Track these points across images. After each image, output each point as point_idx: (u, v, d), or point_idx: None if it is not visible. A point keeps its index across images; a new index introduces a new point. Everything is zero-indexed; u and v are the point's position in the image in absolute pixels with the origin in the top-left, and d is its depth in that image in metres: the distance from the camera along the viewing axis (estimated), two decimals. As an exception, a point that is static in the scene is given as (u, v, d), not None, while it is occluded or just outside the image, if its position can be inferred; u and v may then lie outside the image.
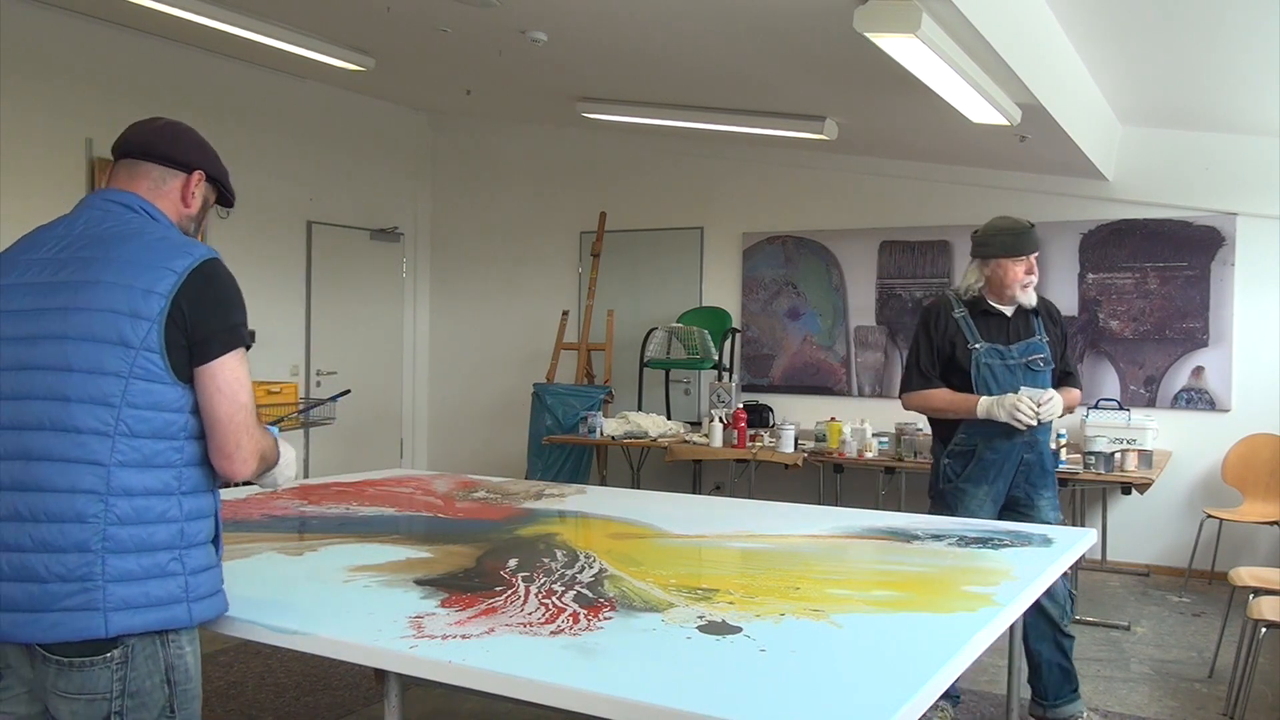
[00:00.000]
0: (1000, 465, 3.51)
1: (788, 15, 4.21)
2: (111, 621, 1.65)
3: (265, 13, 5.22)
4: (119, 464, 1.67)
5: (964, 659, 1.79)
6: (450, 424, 8.67)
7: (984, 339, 3.53)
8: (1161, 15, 4.35)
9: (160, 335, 1.68)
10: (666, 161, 7.76)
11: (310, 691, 3.96)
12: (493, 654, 1.72)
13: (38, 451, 1.68)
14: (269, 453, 1.85)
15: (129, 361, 1.67)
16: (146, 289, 1.69)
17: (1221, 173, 6.01)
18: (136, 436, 1.68)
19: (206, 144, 1.95)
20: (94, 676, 1.68)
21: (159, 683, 1.73)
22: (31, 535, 1.66)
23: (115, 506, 1.67)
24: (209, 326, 1.72)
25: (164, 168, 1.87)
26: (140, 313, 1.68)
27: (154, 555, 1.70)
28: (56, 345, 1.69)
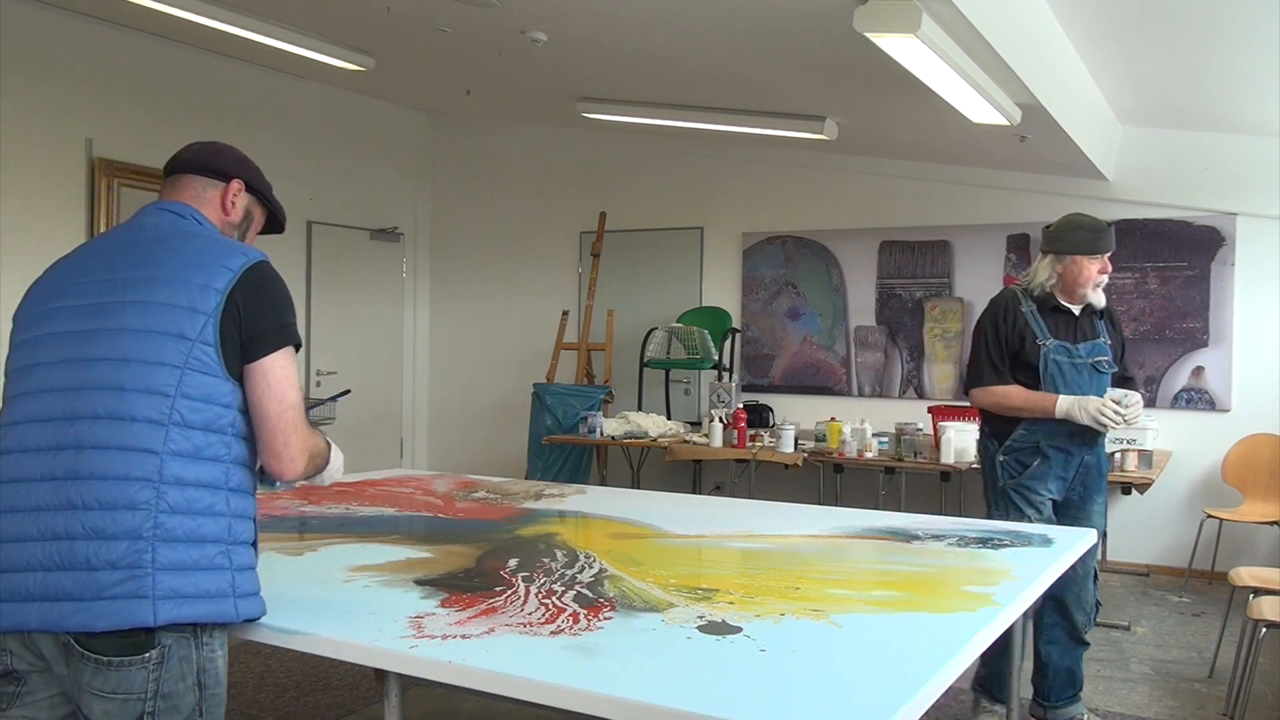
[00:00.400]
0: (1063, 464, 3.46)
1: (788, 15, 4.21)
2: (160, 610, 1.67)
3: (265, 13, 5.22)
4: (171, 453, 1.70)
5: (964, 659, 1.79)
6: (450, 424, 8.67)
7: (1052, 336, 3.46)
8: (1161, 15, 4.35)
9: (216, 329, 1.74)
10: (666, 161, 7.76)
11: (310, 691, 3.96)
12: (493, 654, 1.72)
13: (92, 440, 1.70)
14: (319, 453, 1.90)
15: (185, 353, 1.72)
16: (204, 284, 1.75)
17: (1221, 173, 6.01)
18: (189, 427, 1.72)
19: (248, 159, 2.04)
20: (131, 676, 1.68)
21: (191, 685, 1.74)
22: (83, 523, 1.68)
23: (167, 495, 1.69)
24: (262, 324, 1.78)
25: (204, 178, 1.96)
26: (197, 307, 1.74)
27: (202, 547, 1.72)
28: (114, 337, 1.74)
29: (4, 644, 1.75)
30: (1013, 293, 3.56)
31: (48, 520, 1.69)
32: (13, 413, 1.79)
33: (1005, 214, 6.70)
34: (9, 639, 1.74)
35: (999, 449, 3.52)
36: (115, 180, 6.18)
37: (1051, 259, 3.50)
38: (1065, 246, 3.49)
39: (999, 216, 6.72)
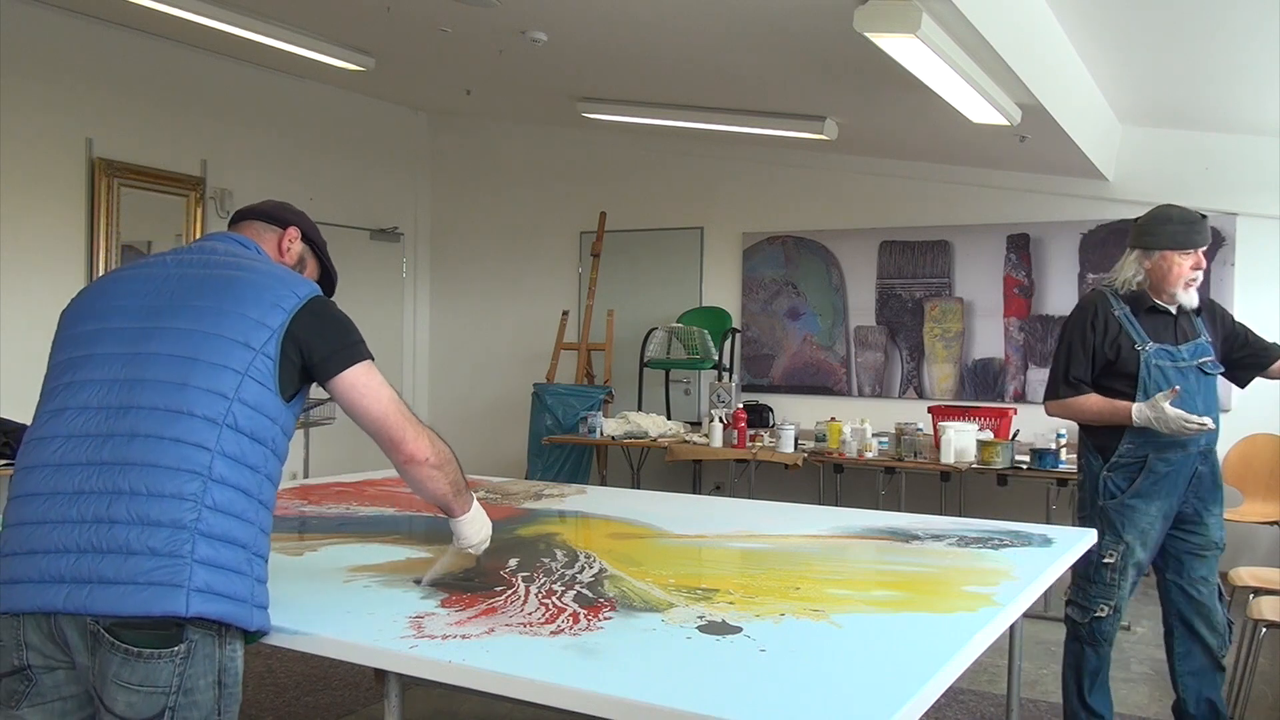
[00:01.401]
0: (1174, 479, 3.18)
1: (788, 15, 4.21)
2: (192, 602, 1.68)
3: (265, 13, 5.22)
4: (222, 453, 1.75)
5: (964, 659, 1.79)
6: (450, 424, 8.66)
7: (1151, 339, 3.17)
8: (1161, 15, 4.35)
9: (278, 345, 1.82)
10: (666, 161, 7.76)
11: (310, 691, 3.96)
12: (493, 654, 1.72)
13: (146, 429, 1.74)
14: (444, 446, 2.04)
15: (248, 361, 1.79)
16: (273, 303, 1.84)
17: (1221, 173, 6.01)
18: (240, 432, 1.77)
19: (306, 216, 2.20)
20: (158, 669, 1.69)
21: (212, 683, 1.75)
22: (129, 508, 1.70)
23: (212, 490, 1.73)
24: (328, 345, 1.88)
25: (264, 223, 2.12)
26: (265, 321, 1.82)
27: (233, 549, 1.75)
28: (182, 336, 1.81)
29: (23, 638, 1.74)
30: (1102, 295, 3.25)
31: (89, 503, 1.71)
32: (63, 399, 1.82)
33: (1005, 214, 6.70)
34: (30, 632, 1.73)
35: (1103, 465, 3.23)
36: (115, 180, 6.19)
37: (1139, 254, 3.20)
38: (1154, 241, 3.18)
39: (999, 216, 6.72)
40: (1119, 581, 3.22)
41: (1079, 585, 3.31)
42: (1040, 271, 6.60)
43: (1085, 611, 3.27)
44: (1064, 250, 6.53)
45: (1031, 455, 5.18)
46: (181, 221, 6.56)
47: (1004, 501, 5.73)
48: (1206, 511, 3.23)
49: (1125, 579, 3.22)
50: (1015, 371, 6.66)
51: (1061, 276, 6.53)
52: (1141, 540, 3.21)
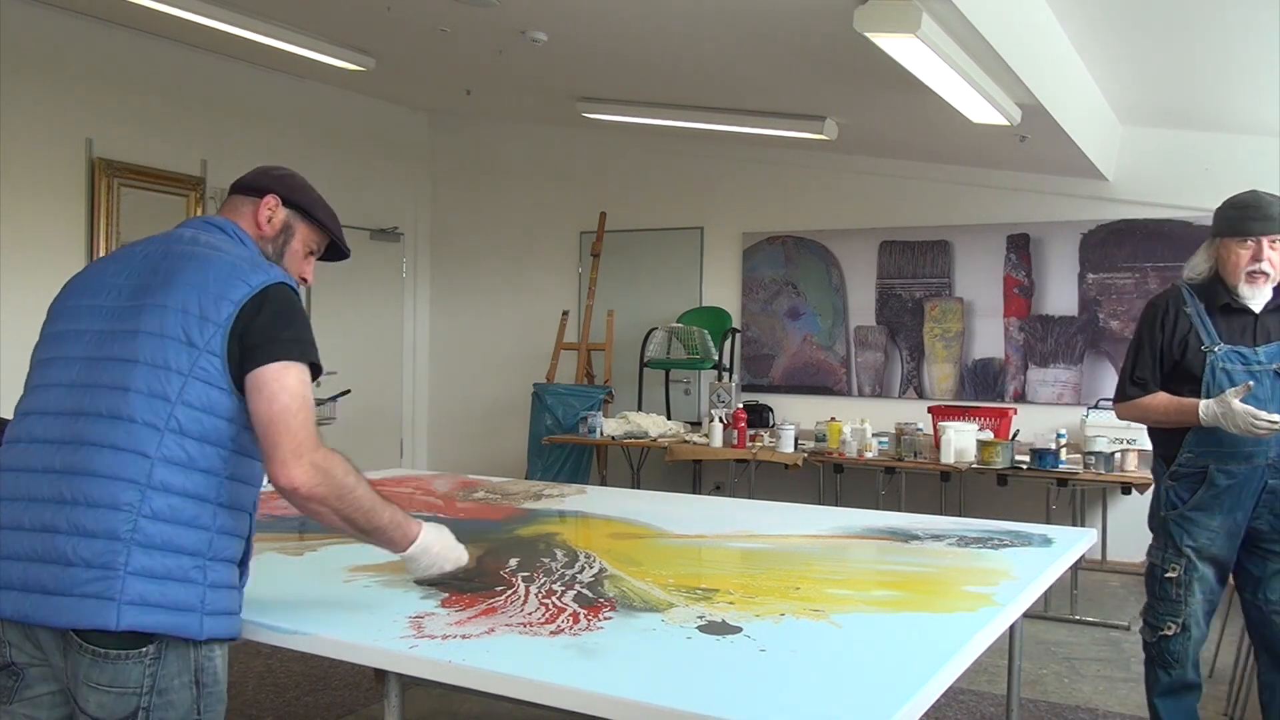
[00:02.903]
0: (1238, 493, 2.93)
1: (788, 15, 4.21)
2: (123, 615, 1.65)
3: (265, 13, 5.22)
4: (163, 459, 1.69)
5: (964, 659, 1.79)
6: (450, 424, 8.67)
7: (1223, 339, 2.93)
8: (1161, 15, 4.35)
9: (224, 341, 1.72)
10: (666, 161, 7.76)
11: (310, 691, 3.96)
12: (493, 654, 1.72)
13: (91, 437, 1.71)
14: (340, 479, 1.78)
15: (191, 360, 1.72)
16: (219, 295, 1.74)
17: (1221, 173, 6.00)
18: (185, 435, 1.71)
19: (292, 178, 2.04)
20: (127, 670, 1.68)
21: (188, 683, 1.73)
22: (68, 517, 1.68)
23: (151, 499, 1.68)
24: (262, 334, 1.74)
25: (243, 195, 1.99)
26: (209, 316, 1.73)
27: (178, 558, 1.70)
28: (129, 339, 1.75)
29: (4, 635, 1.75)
30: (1176, 291, 3.04)
31: (39, 511, 1.70)
32: (28, 404, 1.81)
33: (1005, 214, 6.70)
34: (10, 630, 1.74)
35: (1166, 473, 3.06)
36: (115, 180, 6.18)
37: (1206, 244, 2.99)
38: (1214, 226, 2.96)
39: (999, 216, 6.72)
40: (1184, 598, 3.00)
41: (1149, 603, 3.11)
42: (1040, 271, 6.60)
43: (1154, 630, 3.07)
44: (1064, 250, 6.53)
45: (1031, 455, 5.18)
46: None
47: (1004, 501, 5.73)
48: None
49: (1192, 595, 3.00)
50: (1015, 371, 6.66)
51: (1061, 276, 6.54)
52: (1202, 555, 3.00)
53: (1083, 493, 5.71)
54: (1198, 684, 3.08)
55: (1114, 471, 5.06)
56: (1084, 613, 5.12)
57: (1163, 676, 3.06)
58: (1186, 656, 3.03)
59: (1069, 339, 6.51)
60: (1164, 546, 3.04)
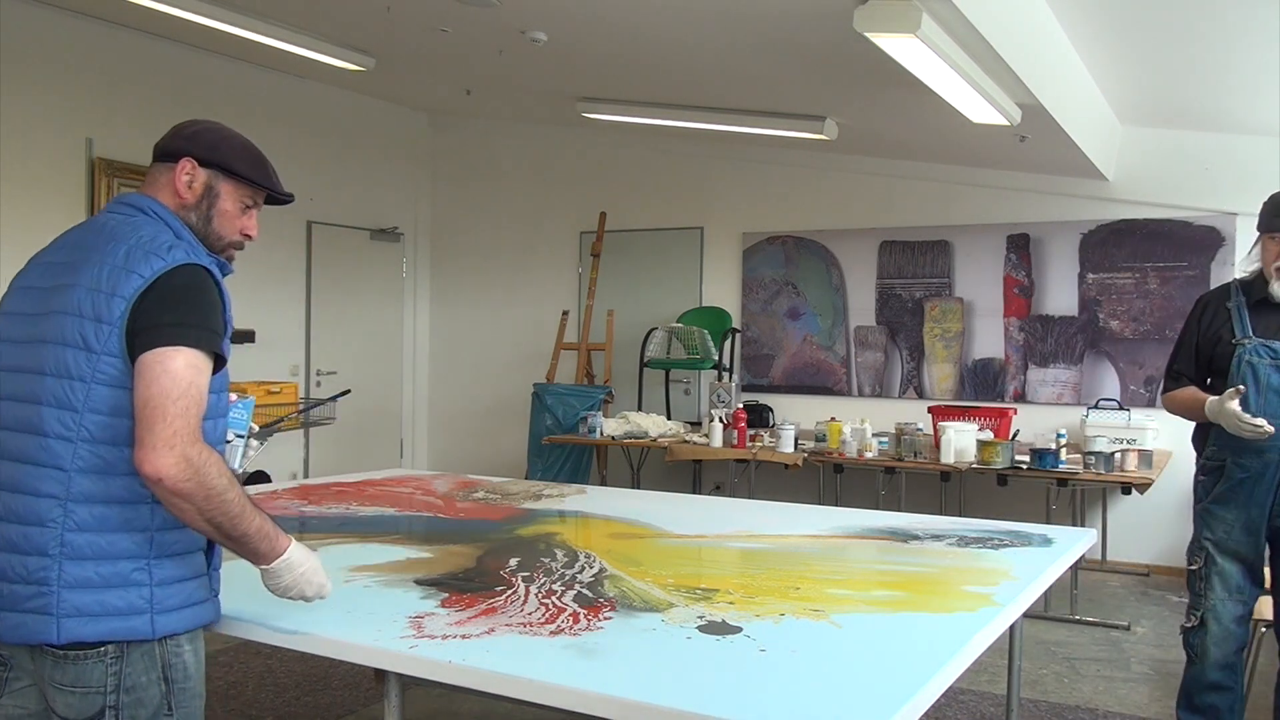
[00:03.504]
0: (1252, 487, 2.95)
1: (788, 15, 4.21)
2: (63, 628, 1.64)
3: (265, 13, 5.22)
4: (79, 470, 1.65)
5: (964, 659, 1.79)
6: (450, 424, 8.67)
7: (1257, 333, 2.93)
8: (1161, 15, 4.35)
9: (121, 340, 1.64)
10: (666, 161, 7.76)
11: (310, 691, 3.96)
12: (493, 654, 1.72)
13: (12, 452, 1.70)
14: (209, 477, 1.62)
15: (91, 366, 1.65)
16: (111, 293, 1.65)
17: (1221, 173, 6.01)
18: (98, 442, 1.65)
19: (206, 133, 1.87)
20: (88, 670, 1.68)
21: (155, 679, 1.72)
22: (3, 534, 1.68)
23: (74, 513, 1.65)
24: (148, 319, 1.63)
25: (160, 164, 1.86)
26: (103, 317, 1.65)
27: (115, 564, 1.66)
28: (37, 348, 1.70)
29: None
30: (1226, 286, 3.09)
31: None
32: None
33: (1005, 214, 6.70)
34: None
35: (1199, 466, 3.15)
36: (115, 180, 6.18)
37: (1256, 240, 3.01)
38: (1258, 222, 2.96)
39: (999, 216, 6.72)
40: (1205, 591, 3.05)
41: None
42: (1040, 271, 6.60)
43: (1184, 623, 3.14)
44: (1064, 250, 6.52)
45: (1031, 455, 5.18)
46: (181, 221, 6.56)
47: (1004, 501, 5.73)
48: None
49: (1211, 589, 3.03)
50: (1015, 371, 6.66)
51: (1061, 276, 6.54)
52: (1222, 549, 3.02)
53: (1083, 493, 5.71)
54: (1226, 685, 3.04)
55: (1114, 471, 5.06)
56: (1084, 613, 5.12)
57: (1187, 669, 3.11)
58: (1205, 652, 3.04)
59: (1069, 339, 6.51)
60: (1192, 540, 3.13)
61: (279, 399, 6.11)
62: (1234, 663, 3.04)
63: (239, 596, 2.07)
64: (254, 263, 7.07)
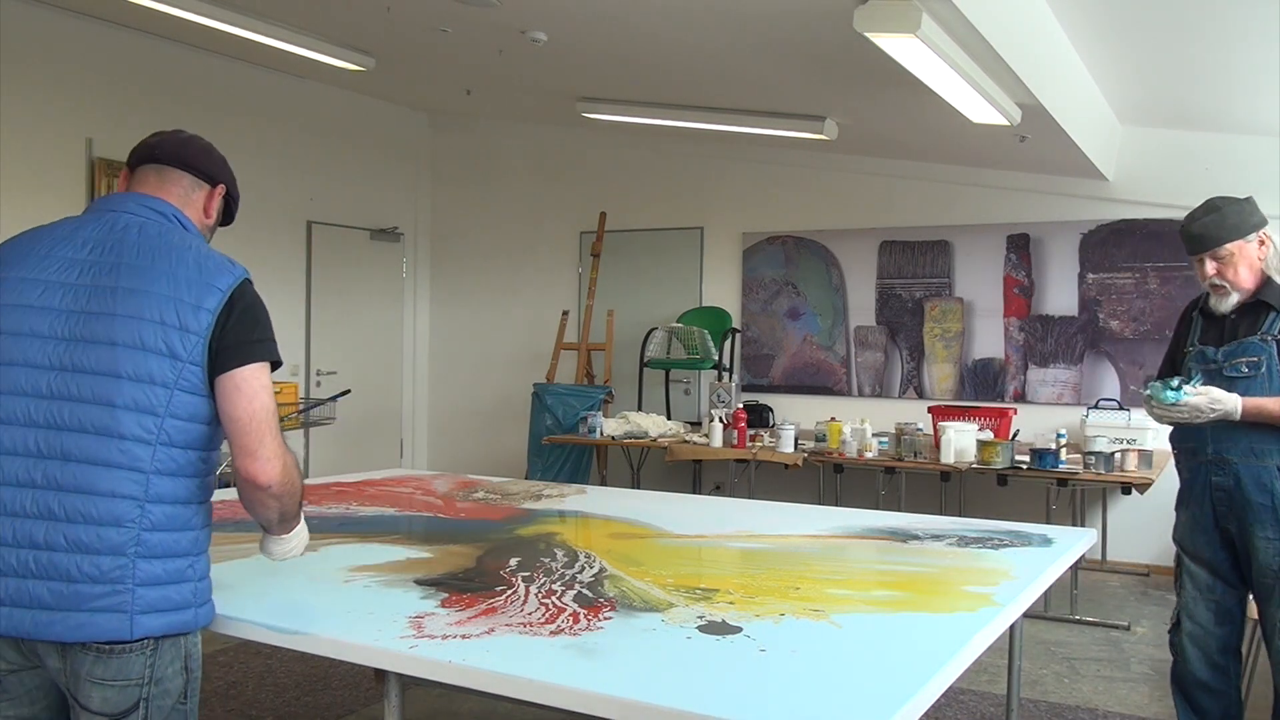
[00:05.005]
0: (1191, 486, 3.06)
1: (788, 15, 4.21)
2: (137, 624, 1.70)
3: (265, 13, 5.22)
4: (158, 471, 1.71)
5: (964, 659, 1.79)
6: (450, 424, 8.67)
7: (1201, 341, 3.05)
8: (1161, 15, 4.35)
9: (205, 350, 1.74)
10: (666, 161, 7.76)
11: (310, 691, 3.96)
12: (493, 654, 1.72)
13: (78, 454, 1.69)
14: (295, 477, 1.83)
15: (176, 373, 1.72)
16: (195, 304, 1.74)
17: (1221, 173, 6.00)
18: (175, 446, 1.73)
19: (221, 157, 2.00)
20: (130, 663, 1.71)
21: (179, 670, 1.78)
22: (65, 535, 1.68)
23: (151, 513, 1.71)
24: (237, 337, 1.76)
25: (194, 178, 1.92)
26: (189, 327, 1.73)
27: (176, 561, 1.75)
28: (105, 350, 1.71)
29: None
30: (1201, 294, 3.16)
31: (24, 527, 1.69)
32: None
33: (1005, 214, 6.70)
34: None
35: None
36: (115, 180, 6.17)
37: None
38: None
39: (999, 216, 6.72)
40: (1179, 591, 3.12)
41: None
42: (1040, 271, 6.60)
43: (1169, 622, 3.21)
44: (1064, 250, 6.52)
45: (1031, 455, 5.18)
46: (181, 221, 6.56)
47: (1004, 501, 5.73)
48: (1249, 532, 2.92)
49: (1184, 589, 3.10)
50: (1015, 371, 6.66)
51: (1061, 276, 6.53)
52: (1185, 550, 3.09)
53: (1083, 493, 5.71)
54: (1216, 687, 3.06)
55: (1114, 471, 5.06)
56: (1084, 613, 5.12)
57: (1172, 668, 3.16)
58: (1183, 650, 3.09)
59: (1069, 339, 6.51)
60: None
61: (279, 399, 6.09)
62: (1223, 664, 3.06)
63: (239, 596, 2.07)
64: (254, 263, 7.02)
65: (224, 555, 2.41)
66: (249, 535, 2.72)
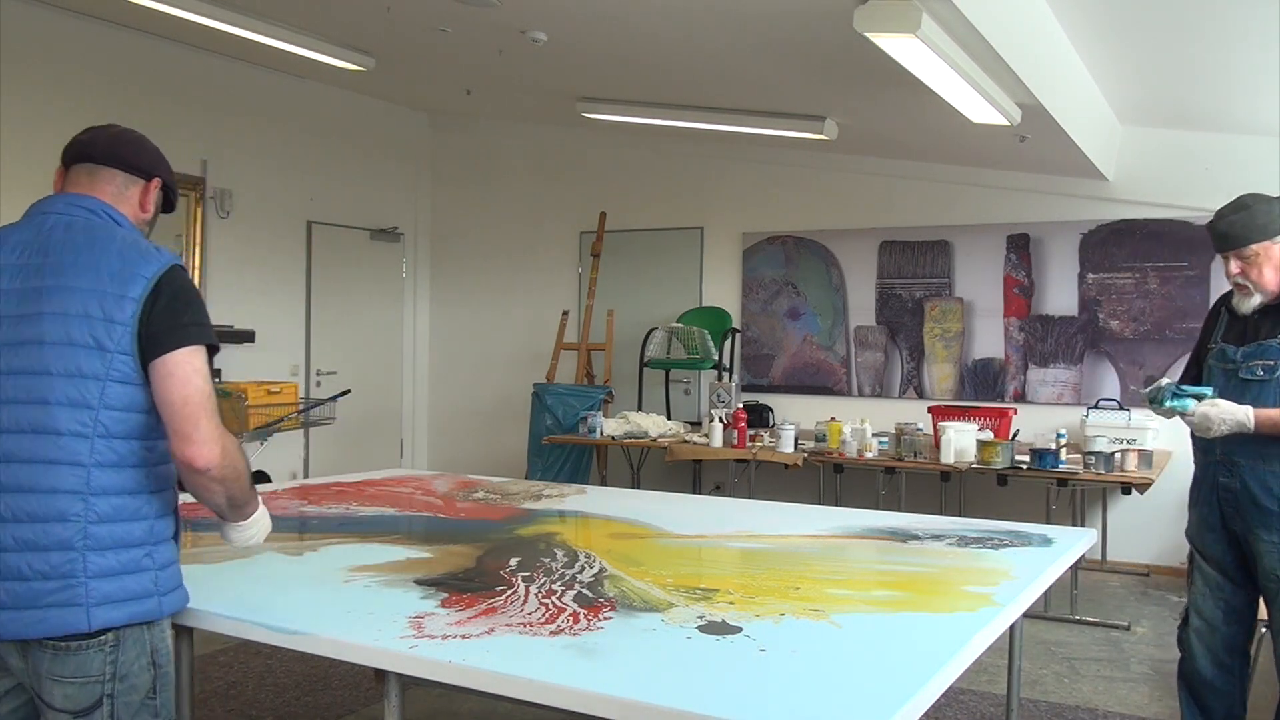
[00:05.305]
0: (1201, 486, 3.09)
1: (788, 15, 4.21)
2: (94, 616, 1.71)
3: (265, 13, 5.22)
4: (97, 464, 1.72)
5: (964, 659, 1.79)
6: (450, 424, 8.67)
7: (1224, 339, 3.02)
8: (1161, 15, 4.35)
9: (133, 339, 1.73)
10: (666, 161, 7.76)
11: (310, 691, 3.96)
12: (493, 654, 1.72)
13: (19, 454, 1.71)
14: (237, 459, 1.80)
15: (106, 364, 1.72)
16: (119, 294, 1.73)
17: (1221, 173, 6.00)
18: (113, 437, 1.73)
19: (161, 152, 1.98)
20: (88, 660, 1.72)
21: (146, 665, 1.79)
22: (14, 535, 1.70)
23: (95, 505, 1.72)
24: (164, 322, 1.74)
25: (126, 174, 1.90)
26: (114, 317, 1.73)
27: (130, 551, 1.75)
28: (35, 350, 1.73)
29: None
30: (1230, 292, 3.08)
31: None
32: None
33: (1005, 214, 6.70)
34: None
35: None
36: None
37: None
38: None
39: (999, 216, 6.72)
40: (1189, 587, 3.16)
41: None
42: (1040, 271, 6.60)
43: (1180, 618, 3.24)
44: (1064, 250, 6.52)
45: (1031, 455, 5.18)
46: (181, 221, 6.55)
47: (1004, 501, 5.73)
48: (1254, 535, 2.92)
49: (1194, 585, 3.13)
50: (1015, 371, 6.66)
51: (1061, 276, 6.53)
52: (1195, 547, 3.11)
53: (1083, 493, 5.71)
54: (1220, 687, 3.07)
55: (1114, 471, 5.05)
56: (1084, 613, 5.12)
57: (1179, 664, 3.17)
58: (1190, 645, 3.11)
59: (1069, 339, 6.51)
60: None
61: (279, 399, 6.11)
62: (1229, 663, 3.06)
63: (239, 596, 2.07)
64: (254, 263, 7.09)
65: (225, 555, 2.41)
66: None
